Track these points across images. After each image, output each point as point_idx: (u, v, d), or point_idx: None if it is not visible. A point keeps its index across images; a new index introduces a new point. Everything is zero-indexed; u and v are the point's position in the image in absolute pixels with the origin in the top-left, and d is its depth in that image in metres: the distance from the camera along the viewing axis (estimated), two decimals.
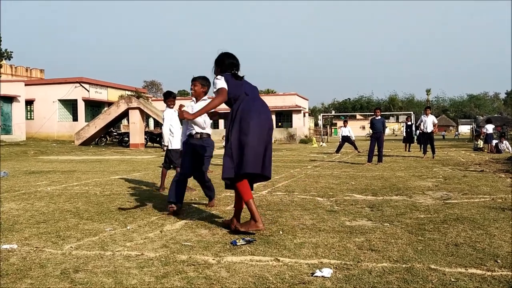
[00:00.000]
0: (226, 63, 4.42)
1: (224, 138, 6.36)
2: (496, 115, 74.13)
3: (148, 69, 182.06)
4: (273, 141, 36.91)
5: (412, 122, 22.90)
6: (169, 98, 7.45)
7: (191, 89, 5.60)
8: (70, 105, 33.79)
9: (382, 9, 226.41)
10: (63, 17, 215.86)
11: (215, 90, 4.25)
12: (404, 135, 22.03)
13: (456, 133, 59.41)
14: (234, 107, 4.29)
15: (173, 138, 7.41)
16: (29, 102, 32.67)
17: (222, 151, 4.90)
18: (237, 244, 3.81)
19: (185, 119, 4.36)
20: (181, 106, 4.73)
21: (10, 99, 28.92)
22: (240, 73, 4.45)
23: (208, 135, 5.81)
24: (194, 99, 5.77)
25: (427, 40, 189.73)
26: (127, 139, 27.67)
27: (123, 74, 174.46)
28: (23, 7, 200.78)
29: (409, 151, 20.57)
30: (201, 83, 5.60)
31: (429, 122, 15.26)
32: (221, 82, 4.20)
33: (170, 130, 7.39)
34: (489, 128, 20.85)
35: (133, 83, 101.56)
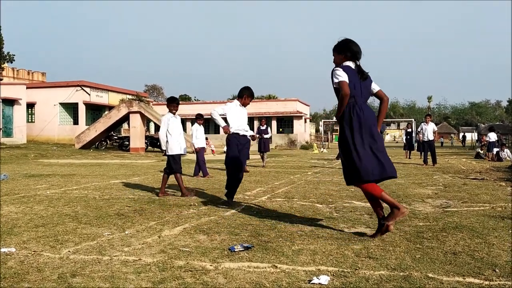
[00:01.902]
0: (353, 51, 4.31)
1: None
2: (497, 123, 74.17)
3: (150, 73, 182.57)
4: (274, 147, 36.88)
5: (413, 129, 22.90)
6: (173, 103, 7.46)
7: (243, 101, 6.57)
8: (71, 108, 33.88)
9: (382, 11, 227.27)
10: (65, 20, 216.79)
11: (336, 82, 4.22)
12: (404, 142, 22.04)
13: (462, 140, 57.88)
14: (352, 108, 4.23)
15: (171, 144, 7.40)
16: (30, 105, 32.77)
17: (222, 156, 4.88)
18: (235, 250, 3.81)
19: None
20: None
21: (11, 102, 29.00)
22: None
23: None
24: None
25: (429, 46, 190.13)
26: (127, 143, 27.69)
27: (124, 78, 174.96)
28: (25, 9, 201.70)
29: (409, 158, 20.57)
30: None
31: (429, 130, 15.22)
32: (342, 74, 4.19)
33: (167, 135, 7.39)
34: (492, 136, 20.84)
35: (134, 87, 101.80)
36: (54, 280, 3.06)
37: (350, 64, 4.34)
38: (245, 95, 6.57)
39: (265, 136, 14.78)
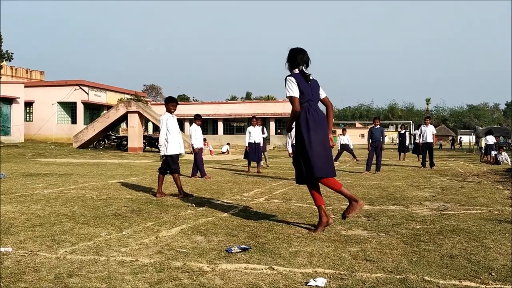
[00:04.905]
0: (297, 59, 4.73)
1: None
2: (495, 126, 74.30)
3: (148, 73, 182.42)
4: (272, 148, 36.93)
5: (407, 130, 22.81)
6: (171, 102, 7.46)
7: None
8: (69, 107, 33.83)
9: (381, 12, 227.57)
10: (64, 19, 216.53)
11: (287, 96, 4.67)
12: (398, 143, 21.75)
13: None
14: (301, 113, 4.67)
15: (171, 144, 7.40)
16: (28, 104, 32.72)
17: (221, 157, 4.90)
18: (232, 251, 3.81)
19: None
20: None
21: (9, 101, 28.96)
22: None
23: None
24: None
25: (427, 48, 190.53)
26: (125, 143, 27.65)
27: (122, 78, 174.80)
28: (24, 8, 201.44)
29: (403, 159, 20.45)
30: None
31: (428, 132, 15.20)
32: (292, 88, 4.61)
33: (166, 135, 7.39)
34: (490, 139, 20.85)
35: (133, 86, 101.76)
36: (51, 280, 3.06)
37: (297, 70, 4.75)
38: None
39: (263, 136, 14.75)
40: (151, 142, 28.31)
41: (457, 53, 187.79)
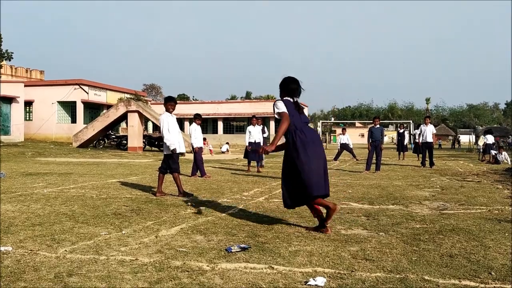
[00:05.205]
0: (291, 88, 4.80)
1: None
2: (495, 125, 74.32)
3: (148, 73, 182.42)
4: None
5: (406, 130, 22.77)
6: (170, 102, 7.47)
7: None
8: (69, 107, 33.81)
9: (381, 12, 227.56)
10: (64, 19, 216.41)
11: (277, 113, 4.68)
12: (396, 143, 21.70)
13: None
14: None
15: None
16: (28, 103, 32.69)
17: (220, 157, 4.91)
18: (232, 251, 3.81)
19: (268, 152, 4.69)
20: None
21: (9, 100, 28.94)
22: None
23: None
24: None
25: (427, 48, 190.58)
26: (125, 142, 27.64)
27: (122, 77, 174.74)
28: (24, 8, 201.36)
29: (403, 159, 20.45)
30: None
31: (428, 132, 15.17)
32: (282, 106, 4.63)
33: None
34: (489, 138, 20.84)
35: (133, 86, 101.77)
36: (51, 280, 3.06)
37: (289, 98, 4.79)
38: None
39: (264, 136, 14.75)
40: (151, 141, 28.30)
41: (457, 52, 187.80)
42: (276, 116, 4.69)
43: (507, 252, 3.85)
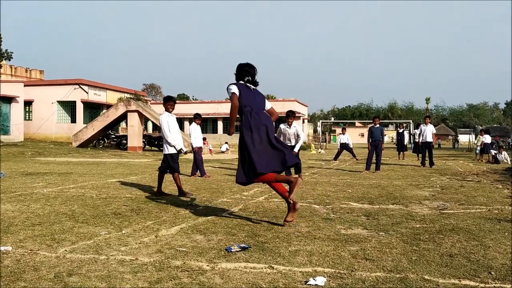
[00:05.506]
0: (242, 72, 5.11)
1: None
2: (495, 125, 74.31)
3: (148, 72, 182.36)
4: None
5: (405, 129, 22.76)
6: (169, 102, 7.47)
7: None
8: (68, 106, 33.80)
9: (382, 12, 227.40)
10: (64, 18, 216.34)
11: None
12: (396, 142, 21.72)
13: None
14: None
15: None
16: (28, 103, 32.68)
17: (220, 156, 4.92)
18: (232, 250, 3.81)
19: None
20: None
21: (9, 100, 28.94)
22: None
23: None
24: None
25: (427, 48, 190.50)
26: (125, 142, 27.65)
27: (122, 77, 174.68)
28: (24, 8, 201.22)
29: (403, 158, 20.46)
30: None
31: (428, 131, 15.18)
32: (233, 87, 4.98)
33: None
34: (487, 138, 20.89)
35: (133, 86, 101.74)
36: (51, 279, 3.06)
37: (242, 82, 5.12)
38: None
39: None
40: (151, 141, 28.31)
41: (457, 52, 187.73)
42: (229, 96, 5.02)
43: (507, 252, 3.85)
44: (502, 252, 3.86)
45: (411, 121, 42.66)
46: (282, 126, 9.48)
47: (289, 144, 9.30)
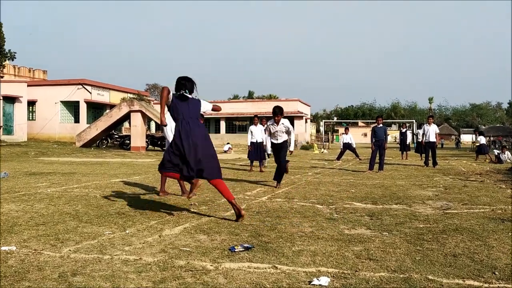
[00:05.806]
0: (180, 85, 5.47)
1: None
2: (498, 125, 74.09)
3: (151, 72, 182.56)
4: None
5: (408, 129, 22.72)
6: None
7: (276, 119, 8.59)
8: (72, 106, 33.89)
9: (383, 12, 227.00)
10: (67, 18, 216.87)
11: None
12: (399, 142, 21.70)
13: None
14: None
15: None
16: (31, 103, 32.79)
17: (223, 156, 4.93)
18: (235, 250, 3.82)
19: None
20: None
21: (12, 100, 29.03)
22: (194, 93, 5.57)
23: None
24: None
25: (430, 47, 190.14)
26: (128, 142, 27.67)
27: (125, 77, 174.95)
28: (27, 7, 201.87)
29: (406, 158, 20.42)
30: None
31: (431, 131, 15.15)
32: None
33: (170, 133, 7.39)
34: (482, 139, 21.31)
35: (136, 86, 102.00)
36: (55, 279, 3.07)
37: (178, 93, 5.48)
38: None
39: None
40: (154, 141, 28.33)
41: (460, 52, 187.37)
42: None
43: (510, 252, 3.85)
44: (506, 252, 3.85)
45: (414, 121, 42.56)
46: (269, 123, 9.01)
47: (277, 142, 8.80)
